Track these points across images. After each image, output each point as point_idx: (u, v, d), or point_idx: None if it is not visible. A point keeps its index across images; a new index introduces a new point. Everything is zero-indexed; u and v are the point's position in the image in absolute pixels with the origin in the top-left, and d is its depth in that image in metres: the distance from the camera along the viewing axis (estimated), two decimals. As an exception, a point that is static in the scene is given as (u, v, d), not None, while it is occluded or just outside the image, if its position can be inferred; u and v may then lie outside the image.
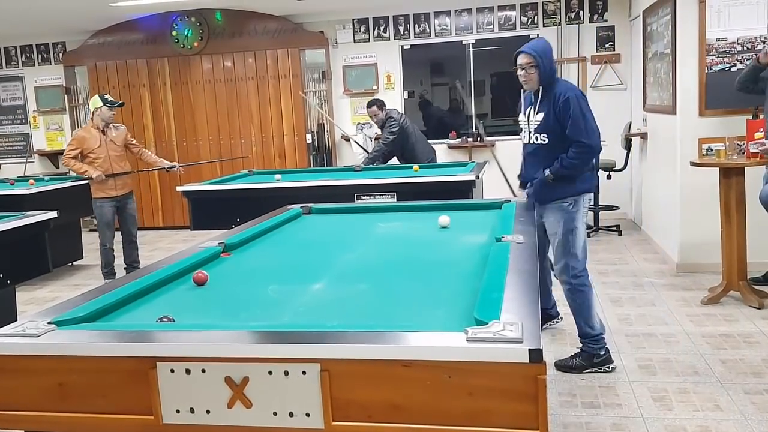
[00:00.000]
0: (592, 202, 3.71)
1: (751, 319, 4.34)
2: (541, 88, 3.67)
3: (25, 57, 9.42)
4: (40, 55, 9.36)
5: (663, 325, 4.32)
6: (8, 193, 6.05)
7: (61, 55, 9.20)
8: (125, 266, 6.03)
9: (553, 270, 4.02)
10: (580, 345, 3.71)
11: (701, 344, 3.95)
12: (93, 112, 5.88)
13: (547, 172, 3.63)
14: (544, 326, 4.25)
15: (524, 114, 3.83)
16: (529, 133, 3.75)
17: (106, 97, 5.94)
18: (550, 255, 3.95)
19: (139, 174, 6.72)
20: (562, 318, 4.29)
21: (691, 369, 3.61)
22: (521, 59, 3.65)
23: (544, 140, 3.67)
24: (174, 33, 8.51)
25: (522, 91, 3.91)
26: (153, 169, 6.42)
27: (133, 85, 8.72)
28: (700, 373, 3.56)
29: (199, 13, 8.37)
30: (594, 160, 3.79)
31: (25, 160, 9.38)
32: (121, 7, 7.55)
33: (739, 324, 4.26)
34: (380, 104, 6.69)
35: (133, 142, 6.17)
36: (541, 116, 3.66)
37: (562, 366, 3.67)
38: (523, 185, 3.98)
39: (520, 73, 3.67)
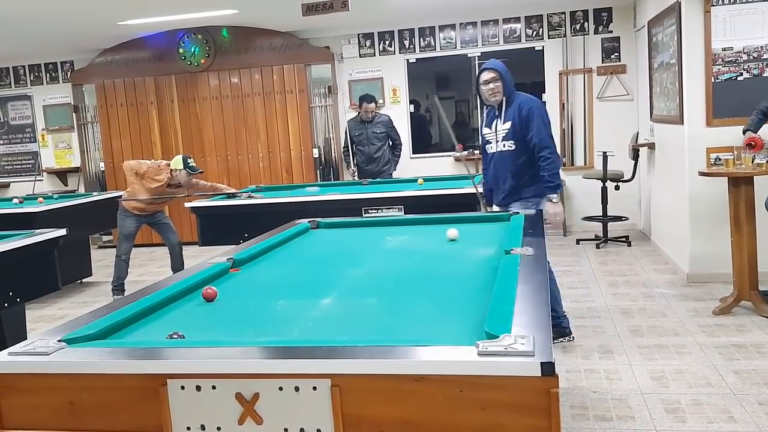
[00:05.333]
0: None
1: (764, 328, 4.30)
2: (504, 99, 4.16)
3: (33, 76, 9.50)
4: (48, 74, 9.45)
5: (674, 336, 4.29)
6: (17, 211, 6.08)
7: (69, 73, 9.28)
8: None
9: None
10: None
11: (714, 355, 3.92)
12: (171, 170, 5.85)
13: (552, 196, 4.09)
14: (555, 341, 4.23)
15: (490, 127, 4.27)
16: (497, 142, 4.21)
17: (189, 161, 5.87)
18: None
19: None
20: (573, 338, 4.26)
21: (704, 380, 3.58)
22: (487, 75, 4.15)
23: (512, 147, 4.15)
24: (181, 50, 8.58)
25: (485, 107, 4.35)
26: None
27: (140, 102, 8.78)
28: (713, 384, 3.53)
29: (205, 30, 8.43)
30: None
31: (33, 179, 9.43)
32: (129, 25, 7.62)
33: (751, 334, 4.22)
34: (377, 102, 7.28)
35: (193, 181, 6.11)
36: (508, 125, 4.14)
37: None
38: (490, 202, 4.47)
39: (487, 87, 4.15)
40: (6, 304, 3.99)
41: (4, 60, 9.40)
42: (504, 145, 4.17)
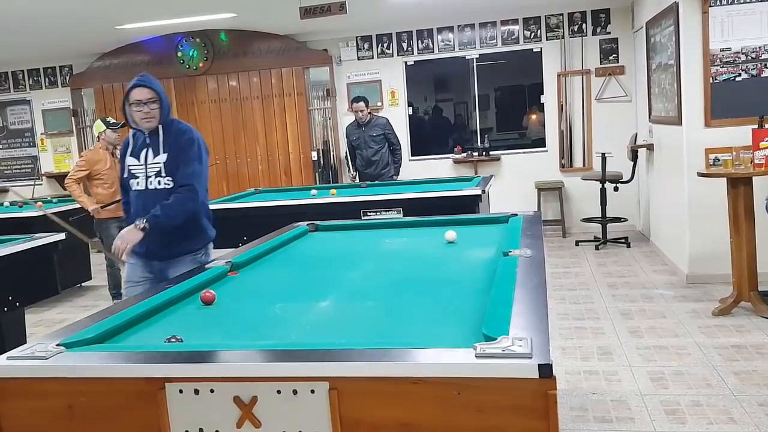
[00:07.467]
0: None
1: (763, 329, 4.30)
2: (160, 127, 3.37)
3: (32, 80, 9.51)
4: (47, 79, 9.46)
5: (674, 337, 4.29)
6: (17, 215, 6.08)
7: (68, 78, 9.29)
8: None
9: None
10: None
11: (713, 356, 3.92)
12: (98, 137, 5.95)
13: (141, 222, 3.16)
14: None
15: (138, 158, 3.37)
16: (147, 177, 3.33)
17: (108, 120, 6.02)
18: None
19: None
20: None
21: (704, 381, 3.58)
22: (142, 94, 3.32)
23: (168, 184, 3.31)
24: (179, 54, 8.59)
25: (133, 132, 3.45)
26: None
27: (139, 106, 8.76)
28: (712, 385, 3.53)
29: (203, 33, 8.44)
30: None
31: (33, 183, 9.44)
32: (127, 29, 7.62)
33: (750, 335, 4.22)
34: (368, 102, 7.10)
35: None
36: (164, 158, 3.32)
37: None
38: (140, 253, 3.36)
39: (140, 109, 3.31)
40: (5, 309, 3.99)
41: (3, 65, 9.41)
42: (159, 182, 3.31)
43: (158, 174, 3.32)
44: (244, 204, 5.65)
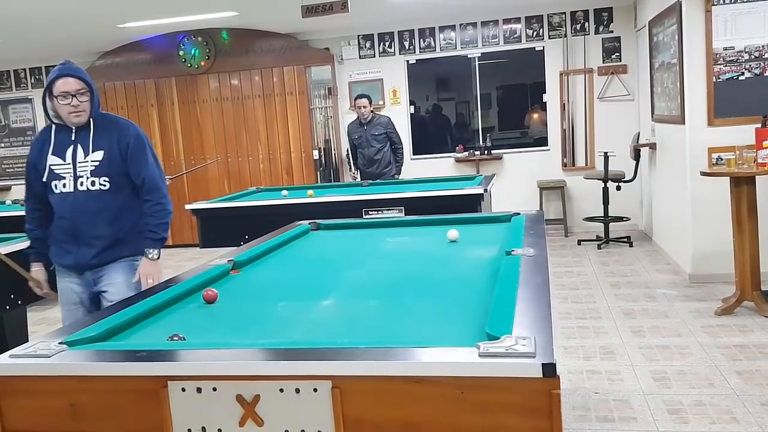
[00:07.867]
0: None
1: (766, 329, 4.29)
2: (92, 121, 3.07)
3: (34, 79, 9.51)
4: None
5: (677, 336, 4.28)
6: (19, 214, 6.07)
7: (70, 76, 9.28)
8: None
9: None
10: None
11: (716, 356, 3.91)
12: None
13: (152, 252, 3.13)
14: None
15: (62, 157, 3.06)
16: (77, 178, 3.04)
17: None
18: None
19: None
20: None
21: (707, 381, 3.57)
22: (69, 85, 2.96)
23: (105, 185, 3.05)
24: (181, 52, 8.58)
25: (51, 129, 3.11)
26: None
27: (141, 105, 8.78)
28: (715, 385, 3.52)
29: (205, 32, 8.44)
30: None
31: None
32: (129, 28, 7.62)
33: (753, 335, 4.21)
34: (371, 100, 7.09)
35: None
36: (99, 155, 3.04)
37: None
38: (68, 265, 3.17)
39: (67, 103, 2.97)
40: (8, 307, 3.98)
41: (5, 63, 9.42)
42: (93, 183, 3.03)
43: (94, 173, 3.04)
44: (245, 203, 5.65)
